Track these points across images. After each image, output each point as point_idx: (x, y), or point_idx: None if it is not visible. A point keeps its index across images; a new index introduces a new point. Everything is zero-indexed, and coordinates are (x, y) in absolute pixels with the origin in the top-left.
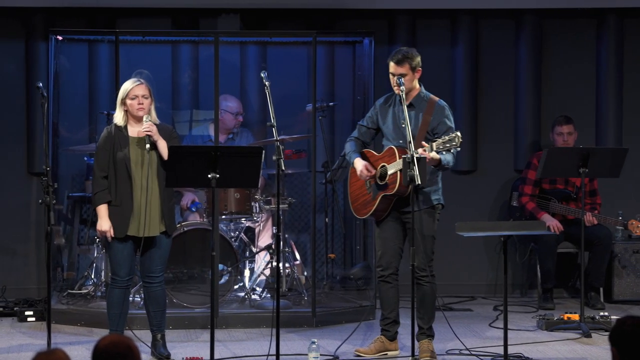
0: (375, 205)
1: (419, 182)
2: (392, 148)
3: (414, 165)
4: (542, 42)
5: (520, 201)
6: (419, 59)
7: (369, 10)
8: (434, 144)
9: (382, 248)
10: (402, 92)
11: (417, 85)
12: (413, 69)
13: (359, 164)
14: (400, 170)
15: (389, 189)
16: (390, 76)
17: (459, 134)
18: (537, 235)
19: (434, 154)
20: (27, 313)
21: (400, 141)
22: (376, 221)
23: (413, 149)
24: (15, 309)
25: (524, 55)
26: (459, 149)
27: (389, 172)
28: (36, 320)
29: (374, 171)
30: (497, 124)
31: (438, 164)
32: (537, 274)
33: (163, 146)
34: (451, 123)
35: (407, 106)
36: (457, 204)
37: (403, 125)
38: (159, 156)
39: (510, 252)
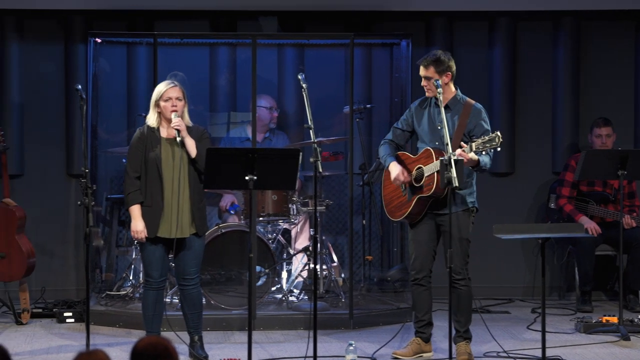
0: (411, 208)
1: (456, 184)
2: (428, 150)
3: (452, 167)
4: (580, 44)
5: (558, 203)
6: (450, 62)
7: (406, 12)
8: (473, 144)
9: (416, 251)
10: (439, 94)
11: (453, 88)
12: (440, 73)
13: (395, 168)
14: (437, 171)
15: (425, 190)
16: (422, 78)
17: (499, 133)
18: (575, 237)
19: (472, 155)
20: (66, 314)
21: (437, 143)
22: (410, 223)
23: (450, 151)
24: (54, 310)
25: (562, 57)
26: (499, 149)
27: (426, 174)
28: (75, 321)
29: (409, 177)
30: (535, 126)
31: (476, 164)
32: (575, 277)
33: (191, 144)
34: (487, 126)
35: (444, 108)
36: (495, 206)
37: (439, 127)
38: (190, 157)
39: (548, 254)
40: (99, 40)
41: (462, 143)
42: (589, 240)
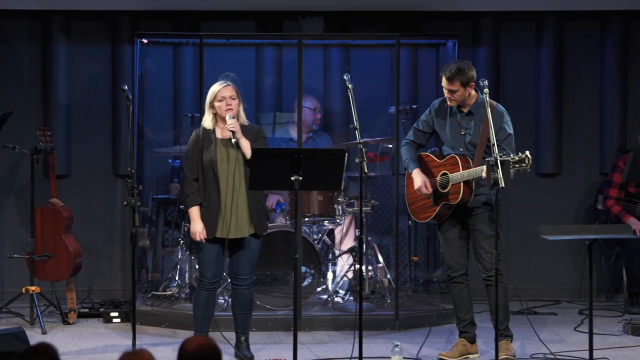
0: (437, 212)
1: (503, 185)
2: (454, 157)
3: (498, 168)
4: (628, 44)
5: (605, 204)
6: (472, 72)
7: (452, 12)
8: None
9: (450, 250)
10: (485, 95)
11: (473, 93)
12: (464, 85)
13: (418, 177)
14: (465, 181)
15: (452, 199)
16: (443, 89)
17: (528, 154)
18: (623, 238)
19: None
20: (112, 314)
21: (461, 149)
22: (438, 223)
23: (497, 152)
24: (100, 310)
25: (610, 57)
26: (528, 170)
27: (452, 183)
28: (121, 321)
29: (431, 189)
30: (582, 127)
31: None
32: (622, 278)
33: (246, 146)
34: (510, 130)
35: (466, 114)
36: (542, 207)
37: (462, 134)
38: (245, 158)
39: (596, 255)
40: (145, 41)
41: (487, 159)
42: (637, 241)
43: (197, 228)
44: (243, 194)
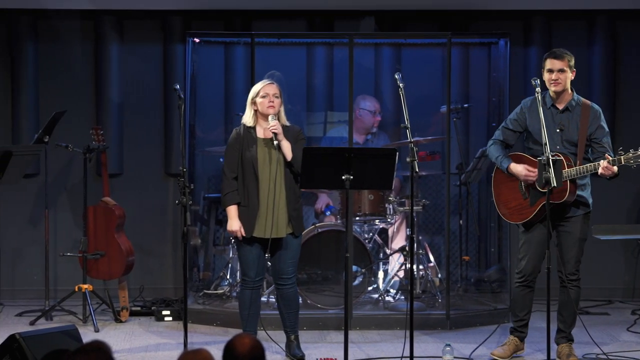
0: (535, 213)
1: (555, 185)
2: (557, 155)
3: (550, 167)
4: None
5: None
6: (574, 60)
7: (504, 11)
8: (623, 158)
9: (530, 252)
10: (537, 94)
11: (570, 90)
12: (570, 68)
13: (518, 167)
14: (571, 180)
15: (557, 197)
16: (547, 74)
17: None
18: None
19: (615, 168)
20: (164, 313)
21: (557, 147)
22: (525, 225)
23: (549, 151)
24: (152, 308)
25: None
26: None
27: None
28: (173, 319)
29: (535, 173)
30: (635, 125)
31: (615, 175)
32: None
33: (287, 147)
34: (607, 128)
35: (562, 111)
36: (595, 207)
37: (558, 130)
38: (285, 159)
39: None
40: (197, 40)
41: (607, 155)
42: None
43: (234, 227)
44: (283, 194)
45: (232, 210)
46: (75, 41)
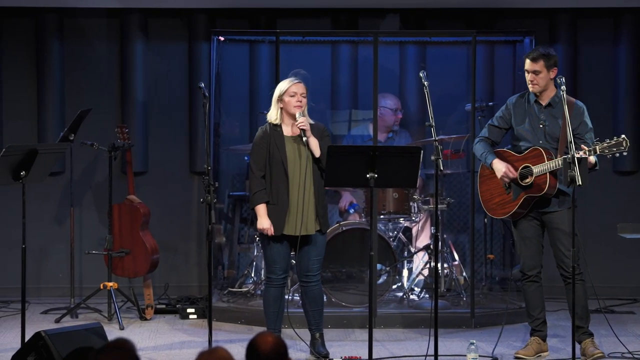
0: (517, 207)
1: (580, 183)
2: (537, 149)
3: (575, 165)
4: None
5: None
6: (556, 59)
7: (529, 9)
8: (597, 148)
9: (526, 248)
10: (563, 92)
11: (553, 86)
12: (548, 68)
13: (501, 165)
14: (551, 172)
15: (536, 189)
16: (526, 73)
17: (625, 137)
18: None
19: (592, 158)
20: (188, 310)
21: (540, 141)
22: (513, 221)
23: (574, 149)
24: (177, 306)
25: None
26: (625, 153)
27: (536, 173)
28: (197, 317)
29: (516, 173)
30: None
31: (592, 167)
32: None
33: (314, 144)
34: (590, 124)
35: (545, 107)
36: (619, 205)
37: (541, 127)
38: (314, 155)
39: None
40: (222, 39)
41: (583, 146)
42: None
43: (265, 224)
44: (312, 191)
45: (262, 209)
46: (100, 39)
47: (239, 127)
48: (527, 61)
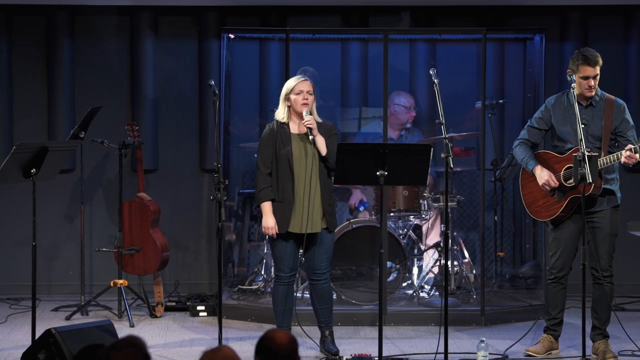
0: (562, 209)
1: (590, 181)
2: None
3: (585, 163)
4: None
5: None
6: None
7: (539, 6)
8: None
9: (560, 249)
10: (573, 90)
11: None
12: (600, 70)
13: (543, 173)
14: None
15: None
16: (581, 80)
17: None
18: None
19: (638, 156)
20: (199, 308)
21: (583, 142)
22: (553, 222)
23: (585, 147)
24: (187, 303)
25: None
26: None
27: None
28: (207, 315)
29: (557, 183)
30: None
31: (635, 164)
32: None
33: (321, 142)
34: (632, 121)
35: (586, 107)
36: (630, 203)
37: (583, 126)
38: (320, 154)
39: None
40: (232, 36)
41: (630, 145)
42: None
43: (269, 223)
44: (318, 190)
45: (267, 207)
46: (111, 37)
47: (249, 125)
48: (587, 68)
